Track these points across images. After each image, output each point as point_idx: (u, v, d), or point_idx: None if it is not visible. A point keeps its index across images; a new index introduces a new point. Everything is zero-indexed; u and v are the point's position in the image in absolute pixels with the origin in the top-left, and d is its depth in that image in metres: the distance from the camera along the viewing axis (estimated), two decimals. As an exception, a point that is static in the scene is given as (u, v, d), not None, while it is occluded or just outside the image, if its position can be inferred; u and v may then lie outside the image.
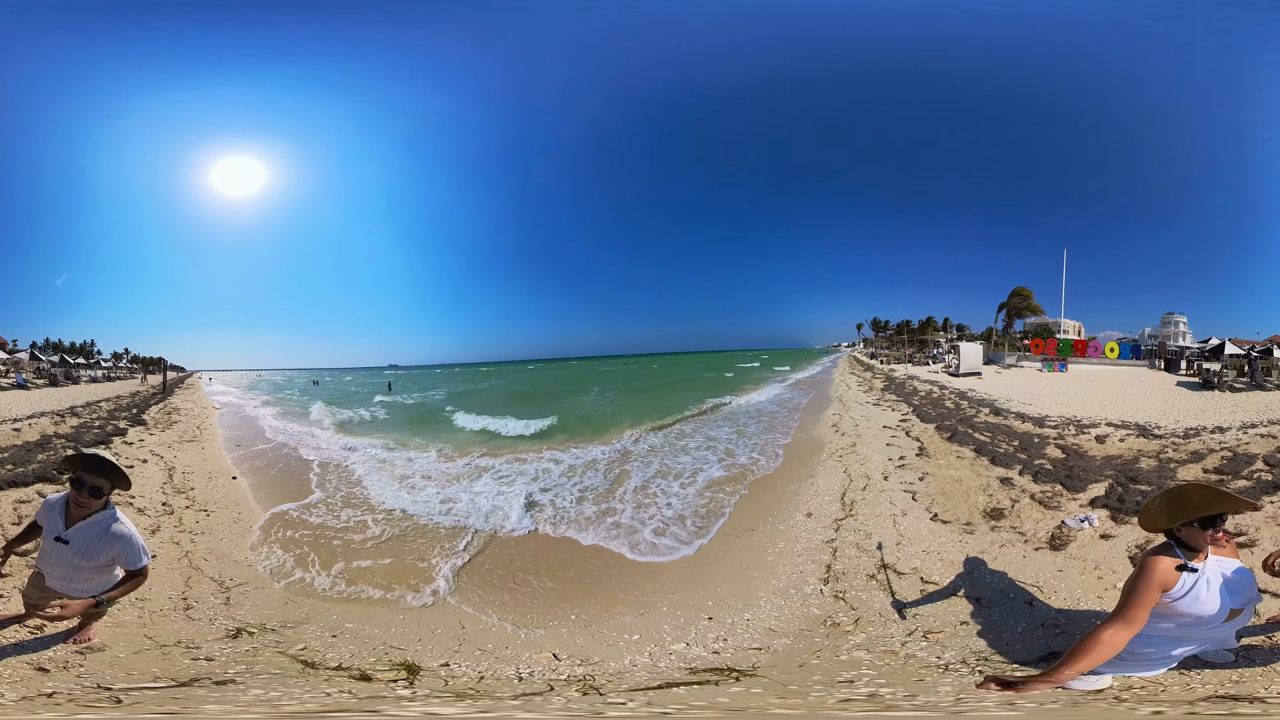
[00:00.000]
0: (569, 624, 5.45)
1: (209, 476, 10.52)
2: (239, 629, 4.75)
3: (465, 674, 4.36)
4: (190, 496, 8.89)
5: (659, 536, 7.60)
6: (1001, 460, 9.32)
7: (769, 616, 5.29)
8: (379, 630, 5.10)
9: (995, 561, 5.70)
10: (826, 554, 6.44)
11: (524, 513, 8.70)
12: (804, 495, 8.81)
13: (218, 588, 5.65)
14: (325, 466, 12.41)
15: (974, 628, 4.51)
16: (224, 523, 7.86)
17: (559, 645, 4.94)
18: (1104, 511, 6.58)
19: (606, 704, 3.62)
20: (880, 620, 4.88)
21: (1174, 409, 14.55)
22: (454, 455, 13.91)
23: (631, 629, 5.27)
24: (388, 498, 9.67)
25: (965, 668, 3.84)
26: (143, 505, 7.93)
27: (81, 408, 20.00)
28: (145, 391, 31.65)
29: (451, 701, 3.66)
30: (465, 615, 5.57)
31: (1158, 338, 57.59)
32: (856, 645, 4.48)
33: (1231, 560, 3.23)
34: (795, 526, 7.45)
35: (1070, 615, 4.59)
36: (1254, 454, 8.63)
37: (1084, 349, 41.60)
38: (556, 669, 4.48)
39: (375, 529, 8.05)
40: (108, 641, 4.06)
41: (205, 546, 6.80)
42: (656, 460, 12.23)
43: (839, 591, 5.53)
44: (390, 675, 4.12)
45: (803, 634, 4.86)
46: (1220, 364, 26.19)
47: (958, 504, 7.51)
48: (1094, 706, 3.02)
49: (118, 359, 72.84)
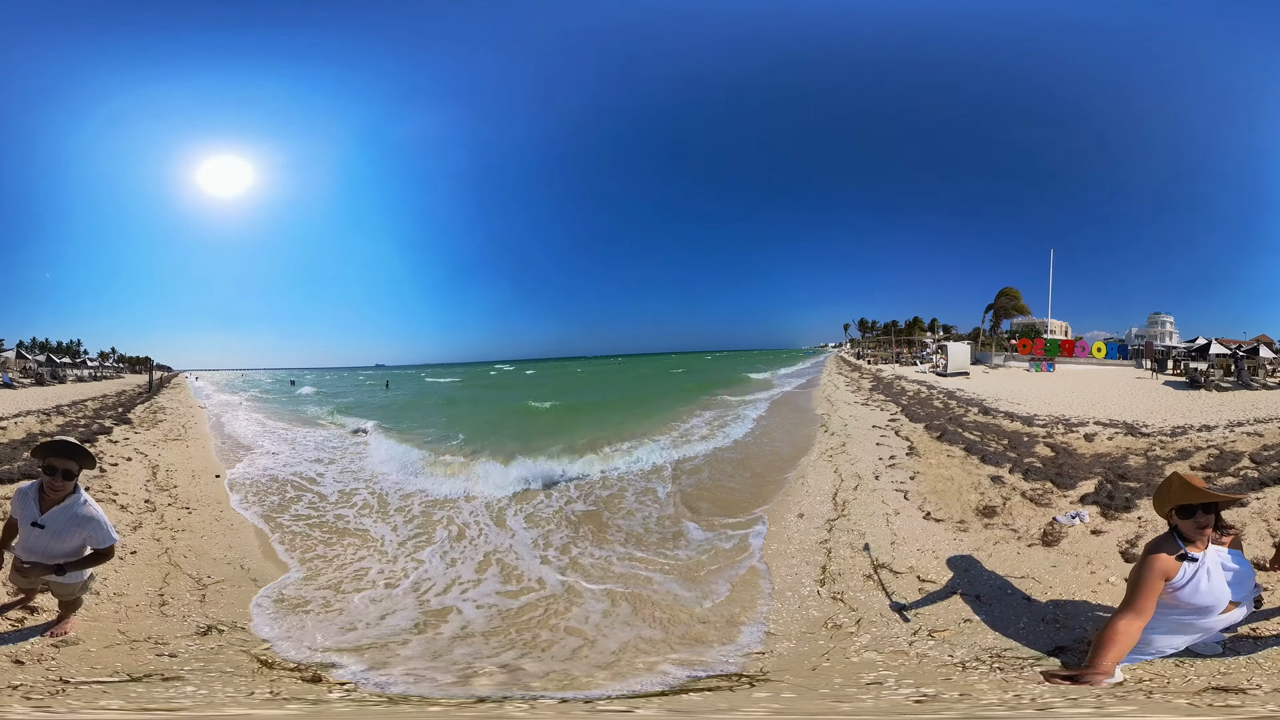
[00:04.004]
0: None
1: (192, 474, 10.78)
2: (209, 626, 4.92)
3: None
4: (173, 494, 9.10)
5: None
6: (992, 459, 9.62)
7: (769, 621, 5.34)
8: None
9: (990, 559, 5.92)
10: (821, 555, 6.62)
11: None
12: (795, 495, 9.02)
13: (195, 585, 5.80)
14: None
15: (979, 625, 4.69)
16: (205, 520, 8.04)
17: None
18: (1094, 508, 6.86)
19: (598, 711, 3.72)
20: (882, 621, 4.99)
21: (1161, 408, 15.07)
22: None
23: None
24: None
25: (983, 665, 3.99)
26: (125, 502, 8.12)
27: (67, 406, 20.59)
28: (132, 391, 32.77)
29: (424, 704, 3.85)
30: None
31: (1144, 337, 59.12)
32: (864, 646, 4.58)
33: (1231, 551, 3.50)
34: (787, 527, 7.65)
35: (1067, 610, 4.81)
36: (1240, 452, 9.02)
37: (1071, 349, 42.74)
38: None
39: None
40: (83, 635, 4.27)
41: (185, 544, 6.94)
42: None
43: (837, 593, 5.64)
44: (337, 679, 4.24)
45: (805, 637, 4.94)
46: (1207, 363, 27.08)
47: (950, 502, 7.77)
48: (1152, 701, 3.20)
49: (104, 358, 73.69)
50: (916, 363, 46.12)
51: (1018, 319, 67.58)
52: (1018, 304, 67.05)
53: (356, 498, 9.98)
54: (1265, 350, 29.56)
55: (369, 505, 9.48)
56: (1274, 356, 30.25)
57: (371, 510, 9.19)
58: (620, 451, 12.91)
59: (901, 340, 78.16)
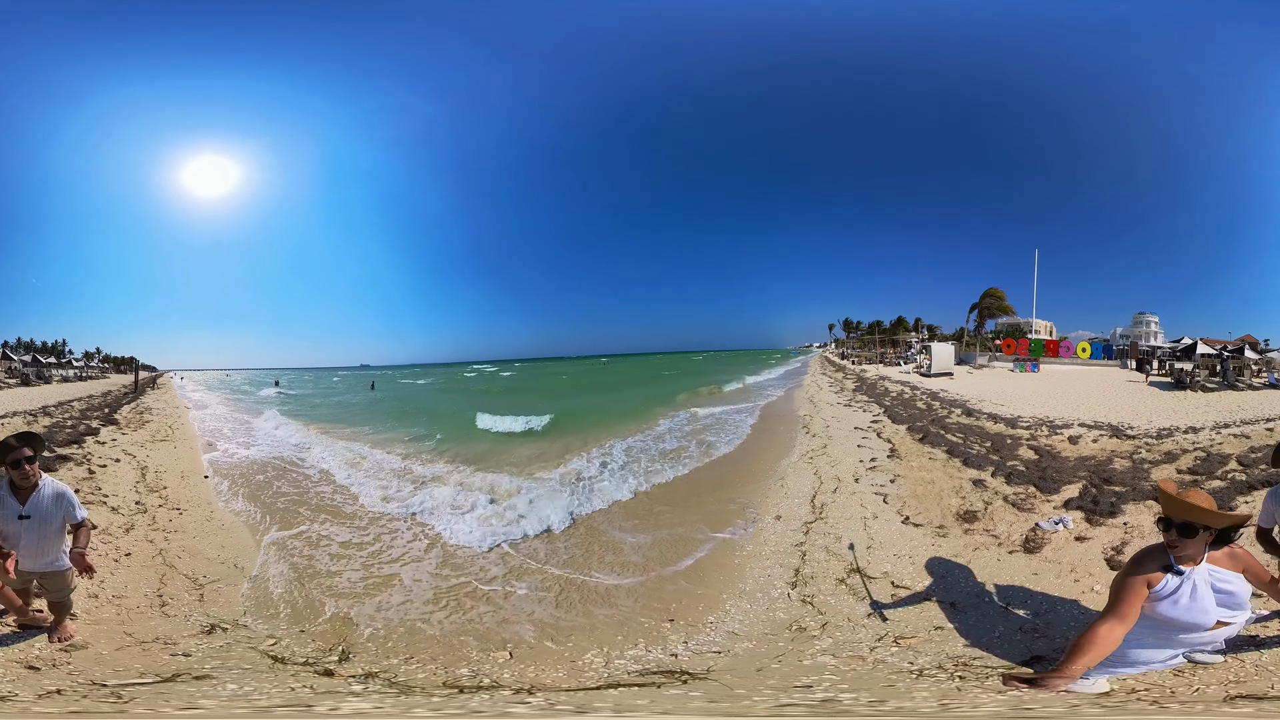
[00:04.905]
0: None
1: (181, 476, 10.79)
2: (213, 625, 5.02)
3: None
4: (163, 495, 9.11)
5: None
6: (974, 462, 9.46)
7: (734, 620, 5.29)
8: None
9: (969, 565, 5.75)
10: (795, 558, 6.42)
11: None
12: (773, 498, 8.81)
13: (192, 585, 5.86)
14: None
15: (950, 633, 4.53)
16: (196, 521, 8.08)
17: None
18: (1078, 513, 6.70)
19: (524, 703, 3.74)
20: (848, 625, 4.89)
21: (1147, 409, 15.02)
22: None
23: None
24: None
25: (943, 673, 3.83)
26: (116, 504, 8.11)
27: (54, 407, 20.49)
28: (117, 391, 32.14)
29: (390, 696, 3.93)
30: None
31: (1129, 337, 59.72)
32: (822, 650, 4.48)
33: (1229, 573, 3.29)
34: (764, 529, 7.43)
35: (1048, 619, 4.64)
36: (1227, 454, 8.92)
37: (1056, 349, 43.01)
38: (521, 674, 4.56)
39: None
40: (89, 639, 4.35)
41: (179, 544, 6.97)
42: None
43: (807, 596, 5.53)
44: (349, 672, 4.40)
45: (767, 638, 4.87)
46: (1192, 364, 27.26)
47: (930, 506, 7.58)
48: (1125, 706, 3.08)
49: (89, 358, 73.70)
50: (900, 363, 46.11)
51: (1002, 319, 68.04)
52: (1002, 304, 67.50)
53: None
54: (1250, 351, 29.80)
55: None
56: (1259, 357, 30.58)
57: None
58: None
59: (886, 340, 78.45)
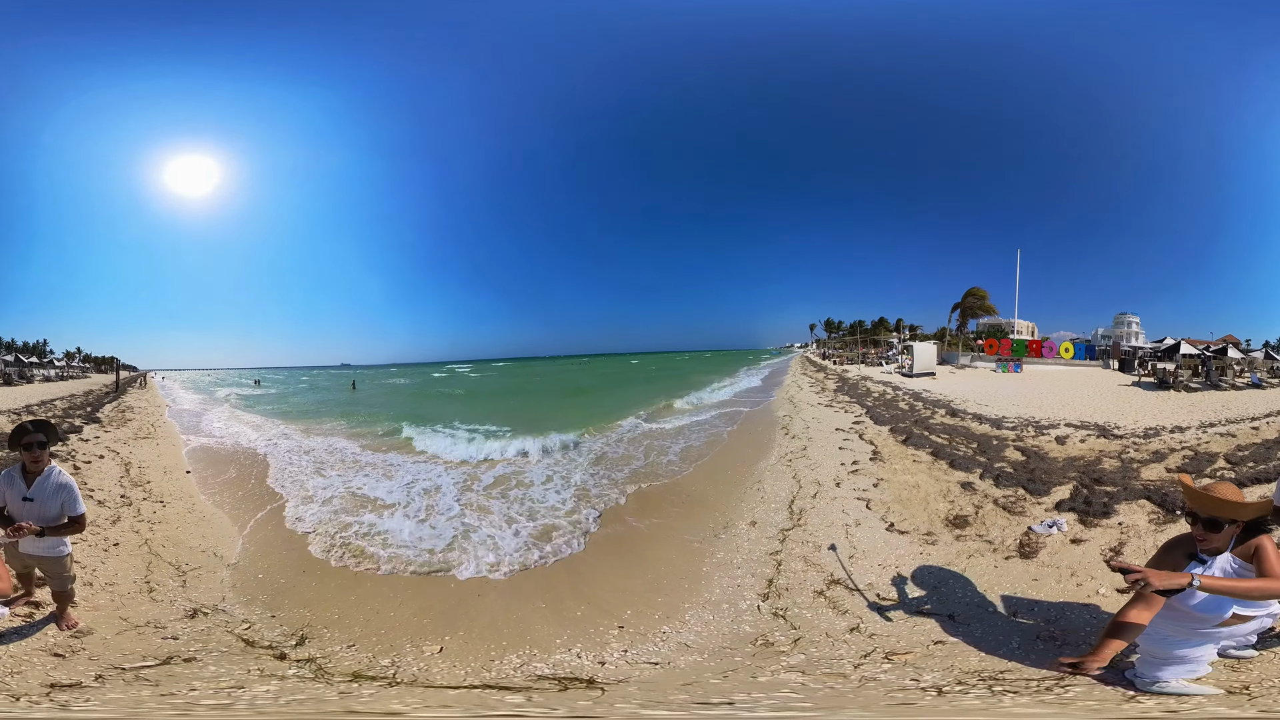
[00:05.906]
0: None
1: (164, 471, 11.23)
2: (195, 609, 5.30)
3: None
4: (146, 489, 9.51)
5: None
6: (961, 464, 9.18)
7: (691, 632, 5.01)
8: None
9: (964, 573, 5.45)
10: (770, 567, 6.08)
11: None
12: (749, 503, 8.45)
13: (176, 572, 6.20)
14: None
15: (956, 646, 4.23)
16: (179, 512, 8.48)
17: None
18: (1071, 515, 6.43)
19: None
20: (826, 641, 4.56)
21: (1132, 409, 14.94)
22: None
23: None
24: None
25: (969, 688, 3.56)
26: (102, 498, 8.41)
27: (36, 406, 21.62)
28: (99, 391, 33.11)
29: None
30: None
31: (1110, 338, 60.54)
32: (789, 667, 4.15)
33: (1252, 567, 3.21)
34: (737, 536, 7.07)
35: (1061, 625, 4.37)
36: (1215, 453, 8.80)
37: (1039, 349, 43.25)
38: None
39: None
40: (92, 625, 4.63)
41: (163, 535, 7.33)
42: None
43: (779, 609, 5.20)
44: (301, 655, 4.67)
45: (723, 652, 4.60)
46: (1175, 364, 27.43)
47: (916, 512, 7.27)
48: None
49: (70, 358, 75.45)
50: (882, 363, 46.17)
51: (984, 319, 68.67)
52: (984, 304, 68.09)
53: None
54: (1233, 351, 30.05)
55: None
56: (1241, 357, 30.88)
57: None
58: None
59: (867, 340, 78.74)
